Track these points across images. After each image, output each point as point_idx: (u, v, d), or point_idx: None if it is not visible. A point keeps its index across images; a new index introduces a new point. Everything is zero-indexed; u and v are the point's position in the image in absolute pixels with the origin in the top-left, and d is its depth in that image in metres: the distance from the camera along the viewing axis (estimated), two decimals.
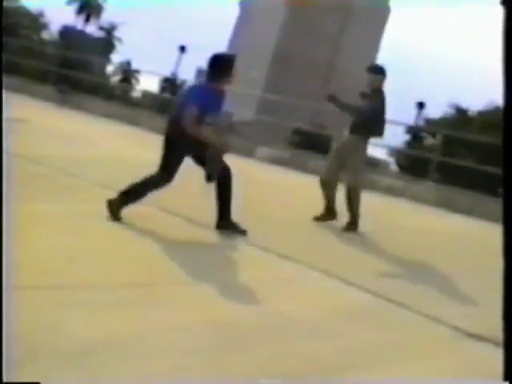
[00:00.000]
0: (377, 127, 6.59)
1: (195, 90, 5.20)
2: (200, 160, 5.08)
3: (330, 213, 6.72)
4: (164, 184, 5.05)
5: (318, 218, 6.66)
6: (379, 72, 6.55)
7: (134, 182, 5.03)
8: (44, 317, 2.84)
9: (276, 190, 8.90)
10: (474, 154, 27.37)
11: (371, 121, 6.45)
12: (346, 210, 6.59)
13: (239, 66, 5.38)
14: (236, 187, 5.27)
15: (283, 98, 37.95)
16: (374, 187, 11.43)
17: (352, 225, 6.61)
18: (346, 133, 6.64)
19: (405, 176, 17.25)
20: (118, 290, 3.48)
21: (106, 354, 2.60)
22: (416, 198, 10.87)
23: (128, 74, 60.61)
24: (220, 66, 5.07)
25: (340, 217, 6.73)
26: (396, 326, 3.87)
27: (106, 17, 66.25)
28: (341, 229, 6.53)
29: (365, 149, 6.66)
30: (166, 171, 5.00)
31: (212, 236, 5.27)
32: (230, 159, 5.29)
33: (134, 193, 5.01)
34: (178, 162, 5.03)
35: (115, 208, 4.92)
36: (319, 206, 6.76)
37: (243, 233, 5.27)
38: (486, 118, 32.81)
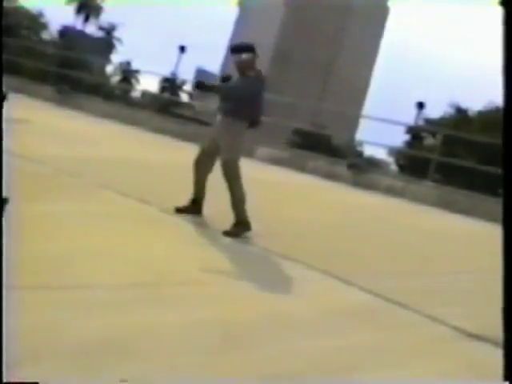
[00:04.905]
0: (247, 109, 5.57)
1: None
2: None
3: (195, 204, 5.68)
4: None
5: (180, 210, 5.62)
6: (239, 50, 5.69)
7: None
8: (44, 317, 2.85)
9: (277, 190, 8.89)
10: (473, 154, 27.39)
11: (240, 102, 5.52)
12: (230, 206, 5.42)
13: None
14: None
15: (283, 98, 37.84)
16: (374, 187, 11.44)
17: (238, 226, 5.34)
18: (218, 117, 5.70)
19: (405, 176, 17.24)
20: (118, 289, 3.48)
21: (106, 353, 2.60)
22: (416, 198, 10.87)
23: (128, 74, 60.62)
24: None
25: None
26: (396, 325, 3.88)
27: (106, 17, 66.24)
28: (222, 232, 5.28)
29: (238, 131, 5.59)
30: None
31: (211, 235, 5.27)
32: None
33: None
34: None
35: None
36: (320, 206, 6.75)
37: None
38: (485, 118, 32.85)
